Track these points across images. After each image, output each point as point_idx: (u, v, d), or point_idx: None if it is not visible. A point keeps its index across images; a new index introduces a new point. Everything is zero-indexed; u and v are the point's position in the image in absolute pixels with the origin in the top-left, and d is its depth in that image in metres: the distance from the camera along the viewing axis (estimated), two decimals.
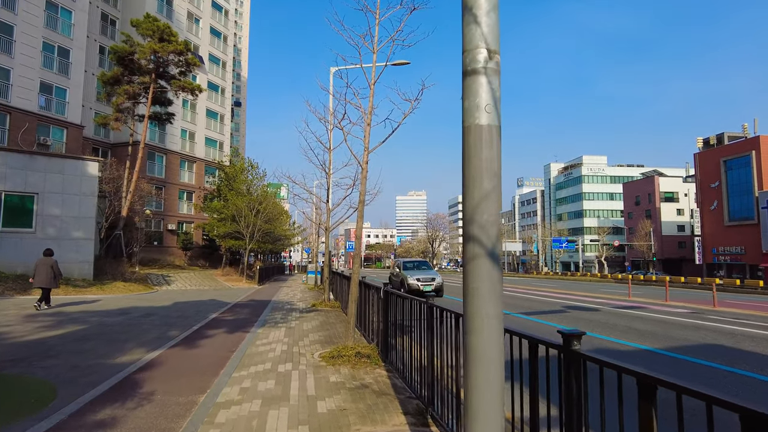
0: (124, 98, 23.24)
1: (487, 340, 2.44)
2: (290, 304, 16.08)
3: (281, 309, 14.61)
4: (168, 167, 39.92)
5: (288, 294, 21.09)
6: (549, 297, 20.02)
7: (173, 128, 40.67)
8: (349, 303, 7.94)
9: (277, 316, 12.86)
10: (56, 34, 30.19)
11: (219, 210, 29.69)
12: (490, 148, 2.55)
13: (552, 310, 14.45)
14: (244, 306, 15.66)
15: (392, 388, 5.77)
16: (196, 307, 14.73)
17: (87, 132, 35.33)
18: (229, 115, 48.88)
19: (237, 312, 13.86)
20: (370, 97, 8.16)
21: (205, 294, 20.45)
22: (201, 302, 16.52)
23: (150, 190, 28.98)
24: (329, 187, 15.39)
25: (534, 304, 16.68)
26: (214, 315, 12.89)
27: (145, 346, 8.14)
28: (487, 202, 2.54)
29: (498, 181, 2.58)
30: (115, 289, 17.92)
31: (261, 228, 27.39)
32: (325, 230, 15.53)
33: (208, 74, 45.65)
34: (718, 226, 59.13)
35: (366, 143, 8.13)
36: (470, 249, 2.51)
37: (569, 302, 17.60)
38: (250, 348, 8.17)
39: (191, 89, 25.34)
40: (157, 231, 38.75)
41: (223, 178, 33.44)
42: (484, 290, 2.49)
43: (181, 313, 13.06)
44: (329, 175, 15.34)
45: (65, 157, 18.77)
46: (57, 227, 17.98)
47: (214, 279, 28.50)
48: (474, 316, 2.46)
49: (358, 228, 8.08)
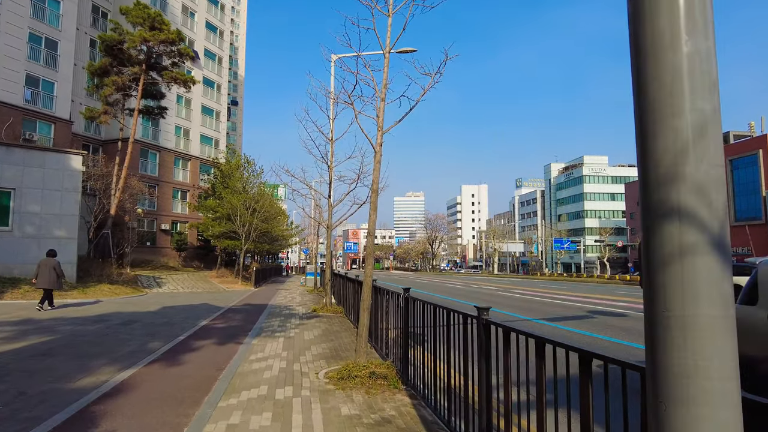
0: (112, 90, 21.87)
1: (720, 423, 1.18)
2: (289, 309, 14.80)
3: (279, 315, 13.33)
4: (161, 165, 38.55)
5: (286, 297, 19.80)
6: (566, 300, 18.79)
7: (167, 125, 39.33)
8: (361, 312, 6.66)
9: (275, 323, 11.57)
10: (43, 24, 28.83)
11: (213, 209, 28.34)
12: (706, 37, 1.30)
13: (576, 316, 13.21)
14: (238, 311, 14.36)
15: (421, 422, 4.50)
16: (186, 313, 13.42)
17: (77, 128, 33.95)
18: (225, 111, 47.55)
19: (230, 318, 12.56)
20: (385, 67, 6.90)
21: (198, 297, 19.14)
22: (191, 307, 15.21)
23: (142, 188, 27.61)
24: (331, 181, 14.14)
25: (553, 308, 15.43)
26: (204, 322, 11.58)
27: (118, 363, 6.85)
28: (705, 139, 1.27)
29: (717, 100, 1.30)
30: (99, 293, 16.58)
31: (257, 227, 26.07)
32: (326, 228, 14.26)
33: (203, 70, 44.31)
34: None
35: (380, 122, 6.87)
36: (669, 234, 1.23)
37: (590, 306, 16.36)
38: (243, 365, 6.89)
39: (184, 81, 24.00)
40: (150, 231, 37.37)
41: (218, 176, 32.10)
42: (706, 321, 1.21)
43: (168, 320, 11.75)
44: (331, 168, 14.09)
45: (45, 149, 17.43)
46: (36, 225, 16.64)
47: (208, 281, 27.17)
48: (689, 370, 1.20)
49: (371, 223, 6.81)
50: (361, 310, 6.68)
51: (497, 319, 3.51)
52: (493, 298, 19.38)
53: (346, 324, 11.27)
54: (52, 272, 12.77)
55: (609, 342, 8.92)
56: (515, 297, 20.48)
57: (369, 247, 6.83)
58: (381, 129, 6.89)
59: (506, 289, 26.18)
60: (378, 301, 7.65)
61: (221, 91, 47.13)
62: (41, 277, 12.69)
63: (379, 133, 6.89)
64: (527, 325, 10.82)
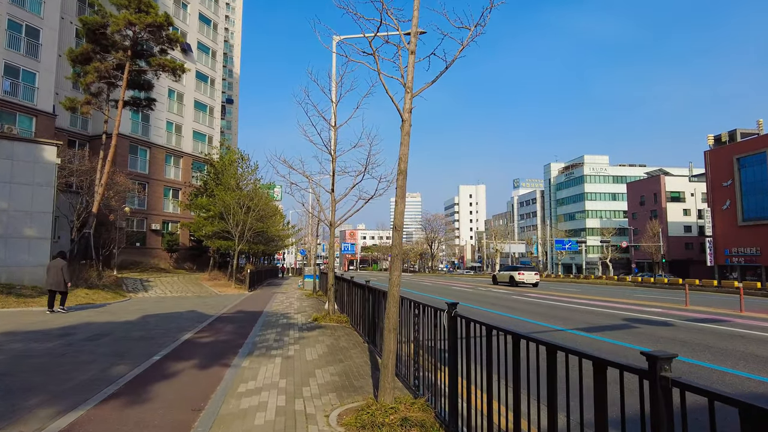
0: (94, 77, 20.07)
1: None
2: (286, 317, 13.10)
3: (275, 325, 11.63)
4: (152, 162, 36.73)
5: (283, 303, 18.08)
6: (592, 306, 17.15)
7: (158, 120, 37.55)
8: (386, 335, 4.98)
9: (270, 336, 9.87)
10: (23, 11, 26.99)
11: (205, 207, 26.57)
12: None
13: (614, 325, 11.57)
14: (229, 320, 12.64)
15: None
16: (168, 323, 11.70)
17: (61, 122, 32.14)
18: (219, 107, 45.75)
19: (219, 330, 10.85)
20: (415, 10, 5.25)
21: (186, 303, 17.40)
22: (176, 315, 13.49)
23: (128, 184, 25.77)
24: (333, 173, 12.47)
25: (583, 315, 13.80)
26: (187, 335, 9.88)
27: (60, 402, 5.14)
28: None
29: None
30: (73, 299, 14.80)
31: (252, 227, 24.31)
32: (329, 226, 12.57)
33: (196, 63, 42.53)
34: (730, 226, 56.72)
35: (408, 81, 5.22)
36: None
37: (624, 312, 14.73)
38: (228, 402, 5.21)
39: (173, 68, 22.20)
40: (139, 231, 35.55)
41: (211, 173, 30.32)
42: None
43: (145, 333, 10.04)
44: (334, 158, 12.43)
45: (14, 138, 15.62)
46: (3, 223, 14.86)
47: (199, 284, 25.39)
48: None
49: (398, 214, 5.13)
50: (386, 331, 5.00)
51: (528, 330, 1.89)
52: (515, 304, 17.74)
53: (353, 337, 9.60)
54: (59, 273, 12.83)
55: (700, 366, 7.28)
56: (534, 302, 18.85)
57: (396, 246, 5.13)
58: (410, 91, 5.23)
59: (519, 293, 24.56)
60: (403, 317, 5.98)
61: (215, 86, 45.33)
62: (49, 279, 12.84)
63: (408, 96, 5.24)
64: (579, 341, 9.17)
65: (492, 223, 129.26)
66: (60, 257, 13.38)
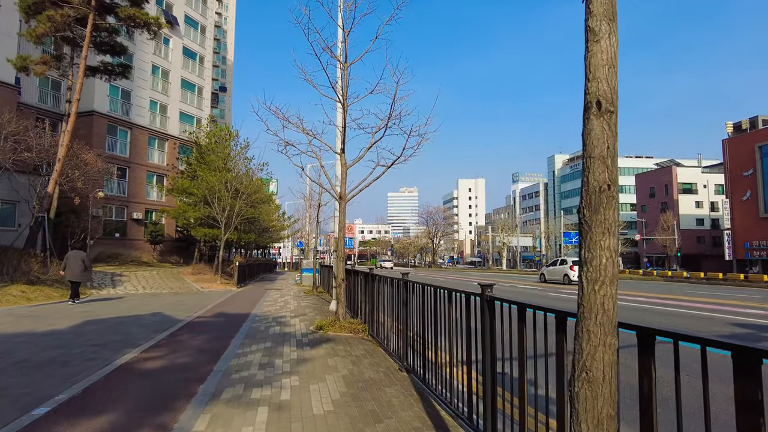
0: (47, 27, 16.46)
1: None
2: (280, 324, 9.72)
3: (264, 336, 8.25)
4: (133, 144, 33.17)
5: (277, 302, 14.68)
6: (674, 307, 13.84)
7: (140, 98, 33.93)
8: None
9: (254, 357, 6.49)
10: None
11: (188, 190, 23.07)
12: None
13: (738, 335, 8.28)
14: (201, 328, 9.25)
15: None
16: (111, 334, 8.29)
17: (29, 98, 28.53)
18: (209, 87, 42.11)
19: (179, 346, 7.46)
20: None
21: (154, 302, 13.99)
22: (132, 320, 10.08)
23: (97, 164, 22.14)
24: (344, 126, 9.06)
25: (680, 320, 10.50)
26: (127, 356, 6.48)
27: None
28: None
29: None
30: (2, 299, 11.36)
31: (241, 212, 20.83)
32: (337, 200, 9.17)
33: (183, 38, 38.90)
34: (751, 218, 53.73)
35: None
36: None
37: (720, 316, 11.45)
38: None
39: (145, 22, 18.56)
40: (119, 220, 32.04)
41: (196, 155, 26.79)
42: None
43: (62, 353, 6.62)
44: (344, 106, 9.02)
45: None
46: None
47: (180, 279, 21.94)
48: None
49: None
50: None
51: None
52: (567, 304, 14.45)
53: (380, 358, 6.25)
54: (80, 264, 12.78)
55: None
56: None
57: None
58: None
59: (552, 289, 21.27)
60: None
61: (204, 65, 41.65)
62: (69, 269, 12.70)
63: None
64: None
65: (493, 217, 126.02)
66: (79, 248, 13.43)
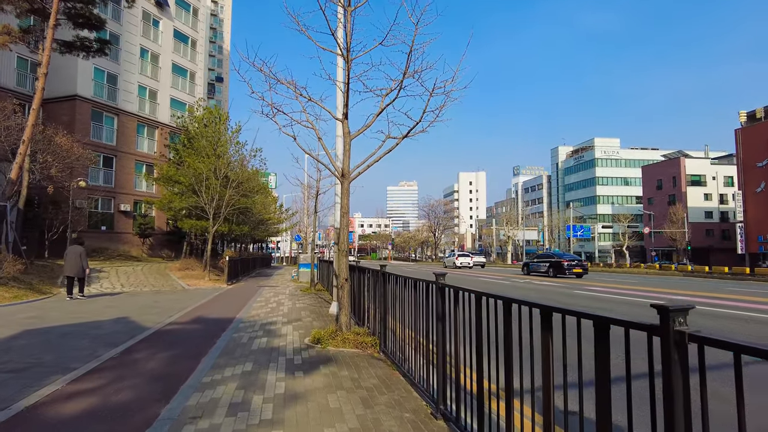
0: None
1: None
2: (269, 333, 7.87)
3: (245, 355, 6.39)
4: (121, 132, 31.21)
5: (269, 302, 12.83)
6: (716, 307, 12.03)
7: (127, 83, 31.95)
8: None
9: (226, 390, 4.63)
10: None
11: (173, 178, 21.17)
12: None
13: None
14: (167, 340, 7.41)
15: None
16: (45, 351, 6.44)
17: (7, 81, 26.67)
18: (201, 73, 40.04)
19: (128, 369, 5.62)
20: None
21: (126, 304, 12.16)
22: (85, 328, 8.24)
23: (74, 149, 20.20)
24: (348, 83, 7.15)
25: (737, 324, 8.70)
26: (45, 390, 4.65)
27: None
28: None
29: None
30: None
31: (231, 201, 18.95)
32: (339, 179, 7.30)
33: (174, 21, 36.82)
34: (765, 210, 51.87)
35: None
36: None
37: (745, 312, 9.64)
38: None
39: None
40: (106, 212, 30.17)
41: (184, 140, 24.84)
42: None
43: None
44: (348, 61, 7.12)
45: None
46: None
47: (166, 275, 20.10)
48: None
49: None
50: None
51: None
52: (607, 305, 12.64)
53: (399, 389, 4.42)
54: (78, 260, 12.66)
55: None
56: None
57: None
58: None
59: (576, 286, 19.47)
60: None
61: (197, 50, 39.57)
62: (67, 265, 12.66)
63: None
64: None
65: (494, 211, 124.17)
66: (78, 243, 13.30)
